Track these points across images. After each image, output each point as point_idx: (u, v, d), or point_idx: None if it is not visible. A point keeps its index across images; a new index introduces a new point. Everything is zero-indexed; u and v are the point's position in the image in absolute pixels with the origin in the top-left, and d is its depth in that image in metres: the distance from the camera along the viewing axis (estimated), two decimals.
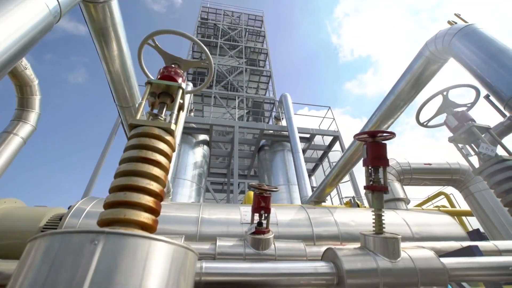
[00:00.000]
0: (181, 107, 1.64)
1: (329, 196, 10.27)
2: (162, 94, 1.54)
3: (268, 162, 9.81)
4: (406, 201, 4.12)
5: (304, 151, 10.37)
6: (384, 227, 2.02)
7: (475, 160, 2.24)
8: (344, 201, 7.31)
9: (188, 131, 9.36)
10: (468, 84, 2.53)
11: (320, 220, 3.35)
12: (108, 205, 1.09)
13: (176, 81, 1.57)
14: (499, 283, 2.11)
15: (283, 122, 10.55)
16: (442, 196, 10.01)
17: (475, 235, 3.61)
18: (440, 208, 8.13)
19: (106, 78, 3.96)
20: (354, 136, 2.16)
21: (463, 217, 8.86)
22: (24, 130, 3.76)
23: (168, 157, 1.30)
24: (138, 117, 1.34)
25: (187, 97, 9.11)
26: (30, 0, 1.90)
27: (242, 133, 14.32)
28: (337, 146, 10.12)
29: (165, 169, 1.26)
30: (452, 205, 9.54)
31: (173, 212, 3.17)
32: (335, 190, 9.75)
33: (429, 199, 9.82)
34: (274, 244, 2.45)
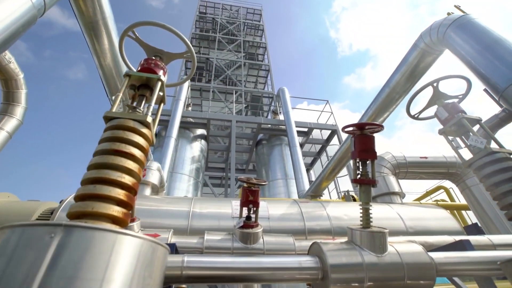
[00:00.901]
0: (162, 100, 1.60)
1: (327, 190, 10.28)
2: (142, 87, 1.51)
3: (265, 156, 9.79)
4: (401, 195, 4.09)
5: (302, 145, 10.34)
6: (371, 221, 1.99)
7: (467, 153, 2.20)
8: (341, 195, 7.31)
9: (186, 126, 9.33)
10: (459, 75, 2.47)
11: (313, 214, 3.32)
12: (78, 198, 1.07)
13: (156, 73, 1.53)
14: (489, 277, 2.09)
15: (281, 116, 10.49)
16: (442, 190, 9.97)
17: (472, 229, 3.57)
18: (439, 203, 8.11)
19: (98, 72, 3.92)
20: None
21: (464, 211, 8.82)
22: (10, 124, 3.74)
23: (144, 150, 1.27)
24: (114, 109, 1.30)
25: (184, 91, 9.06)
26: None
27: (240, 127, 14.28)
28: (335, 140, 10.08)
29: (140, 162, 1.23)
30: (451, 199, 9.50)
31: (164, 206, 3.15)
32: (333, 184, 9.74)
33: (428, 193, 9.79)
34: (262, 238, 2.43)
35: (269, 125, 10.21)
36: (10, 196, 3.51)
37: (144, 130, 1.28)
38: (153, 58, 1.61)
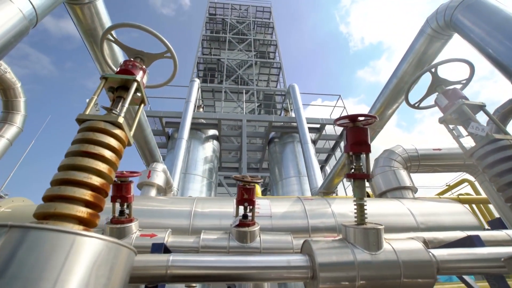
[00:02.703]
0: (142, 101, 1.61)
1: (343, 186, 10.04)
2: (120, 88, 1.52)
3: (278, 155, 9.70)
4: (413, 189, 3.89)
5: (315, 142, 10.16)
6: (366, 217, 1.90)
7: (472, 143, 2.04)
8: None
9: (197, 127, 9.44)
10: (460, 58, 2.30)
11: (317, 211, 3.24)
12: (45, 199, 1.09)
13: (133, 74, 1.54)
14: (501, 275, 1.94)
15: (293, 114, 10.36)
16: (466, 184, 9.44)
17: (496, 223, 3.34)
18: (462, 197, 7.67)
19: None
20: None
21: (491, 205, 8.29)
22: (10, 132, 3.94)
23: (116, 151, 1.27)
24: (88, 111, 1.32)
25: (194, 92, 9.17)
26: (1, 5, 1.92)
27: (253, 126, 14.26)
28: None
29: (111, 163, 1.23)
30: (477, 192, 8.97)
31: (167, 206, 3.19)
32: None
33: (451, 188, 9.29)
34: (259, 236, 2.40)
35: (281, 123, 10.11)
36: (25, 201, 3.69)
37: (117, 131, 1.29)
38: (132, 59, 1.62)
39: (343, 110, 10.32)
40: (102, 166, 1.18)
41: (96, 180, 1.14)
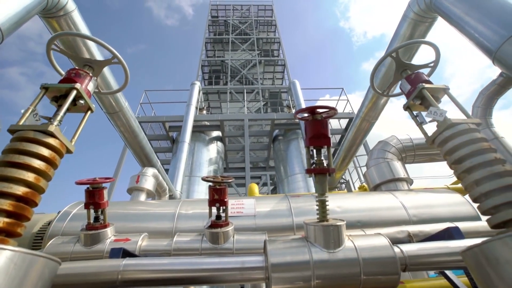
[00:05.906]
0: (89, 108, 1.62)
1: (350, 181, 9.81)
2: (62, 97, 1.53)
3: (282, 152, 9.61)
4: (409, 181, 3.72)
5: None
6: (328, 214, 1.83)
7: None
8: (358, 185, 6.89)
9: (200, 129, 9.51)
10: (423, 40, 2.14)
11: (303, 209, 3.17)
12: None
13: (75, 82, 1.55)
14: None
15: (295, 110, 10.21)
16: None
17: None
18: None
19: None
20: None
21: None
22: None
23: (47, 159, 1.28)
24: (21, 122, 1.34)
25: (195, 95, 9.24)
26: None
27: (260, 125, 14.21)
28: None
29: (40, 172, 1.24)
30: None
31: (152, 209, 3.22)
32: (355, 174, 9.27)
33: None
34: (233, 237, 2.37)
35: (284, 120, 10.00)
36: None
37: (49, 140, 1.30)
38: (76, 68, 1.64)
39: (346, 103, 10.09)
40: (28, 175, 1.19)
41: (18, 190, 1.15)
